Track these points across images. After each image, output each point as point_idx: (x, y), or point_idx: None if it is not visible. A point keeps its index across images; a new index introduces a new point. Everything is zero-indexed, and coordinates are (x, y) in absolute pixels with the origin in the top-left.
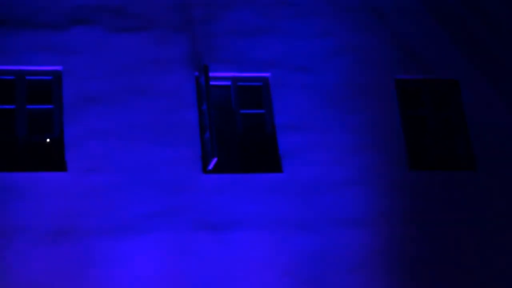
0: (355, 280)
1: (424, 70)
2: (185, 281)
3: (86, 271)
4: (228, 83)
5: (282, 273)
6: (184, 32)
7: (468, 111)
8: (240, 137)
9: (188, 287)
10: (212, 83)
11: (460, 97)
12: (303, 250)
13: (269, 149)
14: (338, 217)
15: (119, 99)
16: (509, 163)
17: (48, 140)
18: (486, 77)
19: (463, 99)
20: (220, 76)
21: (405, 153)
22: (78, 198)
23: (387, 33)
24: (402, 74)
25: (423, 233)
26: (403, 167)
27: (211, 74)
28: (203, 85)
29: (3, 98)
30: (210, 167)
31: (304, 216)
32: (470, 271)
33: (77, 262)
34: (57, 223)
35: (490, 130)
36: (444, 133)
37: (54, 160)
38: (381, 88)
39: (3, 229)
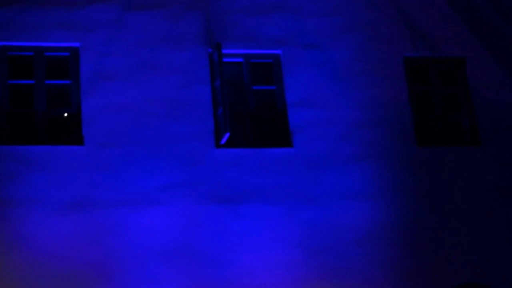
0: (363, 252)
1: (431, 48)
2: (197, 252)
3: (102, 241)
4: (240, 60)
5: (292, 245)
6: (198, 10)
7: (474, 88)
8: (252, 112)
9: (199, 258)
10: (225, 60)
11: (466, 74)
12: (312, 223)
13: (280, 124)
14: (347, 190)
15: (135, 75)
16: None
17: (65, 114)
18: (492, 55)
19: (469, 76)
20: (233, 53)
21: (412, 129)
22: (95, 171)
23: (396, 11)
24: (410, 52)
25: (429, 207)
26: (410, 142)
27: (224, 51)
28: (216, 62)
29: (23, 73)
30: (223, 141)
31: (314, 189)
32: (475, 245)
33: (93, 233)
34: (74, 195)
35: (495, 107)
36: (450, 109)
37: (72, 134)
38: (389, 65)
39: (22, 200)
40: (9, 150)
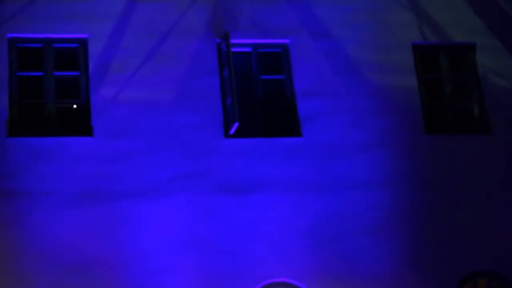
0: (372, 241)
1: (440, 35)
2: (207, 242)
3: (111, 232)
4: (248, 49)
5: (301, 234)
6: (205, 0)
7: (484, 75)
8: (260, 102)
9: (209, 248)
10: (233, 49)
11: (476, 62)
12: (321, 212)
13: (289, 113)
14: (356, 179)
15: (143, 66)
16: None
17: (75, 106)
18: (501, 41)
19: (479, 64)
20: (241, 42)
21: (421, 117)
22: (104, 162)
23: None
24: (419, 39)
25: (439, 195)
26: (419, 131)
27: (232, 41)
28: (224, 52)
29: (32, 65)
30: (232, 131)
31: (323, 178)
32: (485, 233)
33: (103, 224)
34: (83, 186)
35: (505, 94)
36: (459, 97)
37: (81, 125)
38: (398, 53)
39: (31, 192)
40: (18, 142)
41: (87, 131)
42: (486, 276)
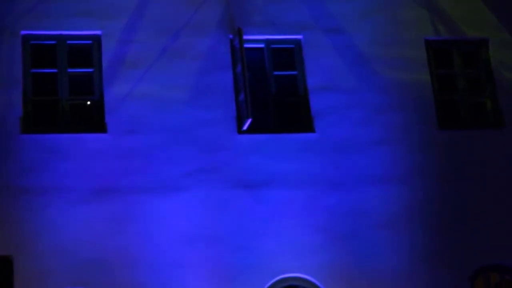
0: (385, 235)
1: (453, 30)
2: (221, 237)
3: (125, 227)
4: (261, 45)
5: (315, 229)
6: None
7: (497, 69)
8: (273, 98)
9: (224, 243)
10: (246, 45)
11: (489, 56)
12: (335, 207)
13: (302, 109)
14: (369, 174)
15: (157, 62)
16: None
17: (88, 102)
18: None
19: (492, 58)
20: (254, 38)
21: (434, 112)
22: (118, 158)
23: None
24: (431, 34)
25: (452, 190)
26: (432, 125)
27: (245, 37)
28: (237, 48)
29: (46, 62)
30: (245, 127)
31: (336, 174)
32: (497, 227)
33: (118, 219)
34: (97, 183)
35: None
36: (472, 92)
37: (95, 122)
38: (411, 49)
39: (46, 188)
40: (33, 138)
41: (101, 127)
42: (498, 270)
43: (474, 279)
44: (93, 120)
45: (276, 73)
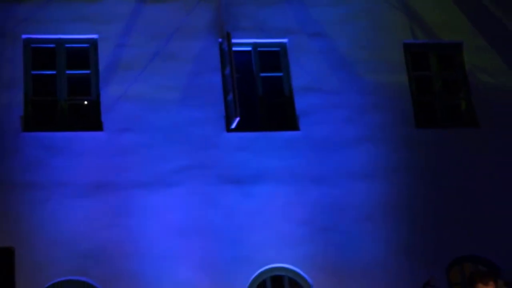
0: (365, 228)
1: (430, 35)
2: (211, 230)
3: (121, 220)
4: (249, 48)
5: (299, 222)
6: (209, 2)
7: (471, 72)
8: (260, 98)
9: (213, 236)
10: (234, 49)
11: (463, 59)
12: (318, 201)
13: (287, 109)
14: (350, 171)
15: (150, 65)
16: (509, 120)
17: (86, 102)
18: (487, 40)
19: (466, 61)
20: (242, 42)
21: (412, 112)
22: (113, 155)
23: (396, 0)
24: (410, 38)
25: (428, 186)
26: (410, 125)
27: (233, 41)
28: (226, 51)
29: (45, 64)
30: (233, 126)
31: (319, 170)
32: (471, 220)
33: (113, 213)
34: (94, 178)
35: (491, 90)
36: (448, 93)
37: (92, 120)
38: (390, 52)
39: (45, 183)
40: (33, 136)
41: (97, 126)
42: (472, 260)
43: (449, 270)
44: (90, 119)
45: (262, 74)
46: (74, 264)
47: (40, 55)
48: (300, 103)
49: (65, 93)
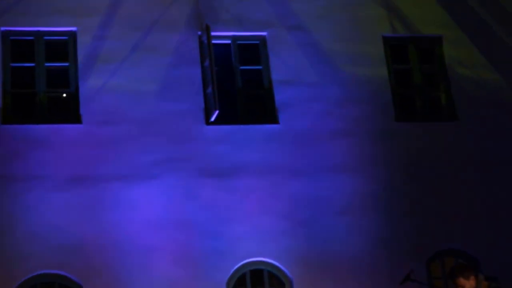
0: (345, 222)
1: (409, 28)
2: (190, 223)
3: (99, 213)
4: (228, 41)
5: (279, 216)
6: None
7: (450, 65)
8: (239, 91)
9: (192, 229)
10: (213, 41)
11: (443, 53)
12: (298, 195)
13: (266, 102)
14: (330, 164)
15: (129, 57)
16: (487, 113)
17: (64, 95)
18: (466, 34)
19: (445, 55)
20: (221, 35)
21: (391, 105)
22: (92, 148)
23: None
24: (389, 32)
25: (408, 179)
26: (390, 118)
27: (212, 34)
28: (205, 44)
29: (24, 56)
30: (212, 119)
31: (299, 163)
32: (452, 213)
33: (91, 206)
34: (73, 171)
35: (470, 83)
36: (428, 86)
37: (70, 113)
38: (369, 45)
39: (24, 176)
40: (11, 128)
41: (76, 118)
42: (453, 254)
43: (430, 263)
44: (69, 112)
45: (242, 67)
46: (52, 257)
47: (19, 47)
48: (280, 96)
49: (44, 85)
